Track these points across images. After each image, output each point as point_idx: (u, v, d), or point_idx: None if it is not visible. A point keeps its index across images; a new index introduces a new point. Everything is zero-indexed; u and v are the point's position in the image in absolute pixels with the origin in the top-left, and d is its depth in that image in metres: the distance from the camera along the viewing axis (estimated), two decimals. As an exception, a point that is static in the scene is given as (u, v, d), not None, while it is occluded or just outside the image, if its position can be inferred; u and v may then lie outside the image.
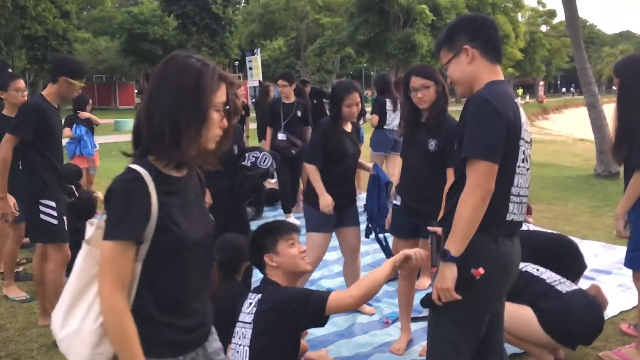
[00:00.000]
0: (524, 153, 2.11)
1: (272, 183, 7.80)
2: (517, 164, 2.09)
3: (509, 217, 2.10)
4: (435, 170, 3.15)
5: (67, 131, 7.17)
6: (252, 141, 8.85)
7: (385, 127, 6.62)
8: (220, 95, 1.59)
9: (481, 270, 2.01)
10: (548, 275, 3.29)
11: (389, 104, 6.61)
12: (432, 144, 3.16)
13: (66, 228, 3.68)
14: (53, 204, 3.59)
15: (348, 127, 3.78)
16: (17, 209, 4.24)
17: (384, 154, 6.74)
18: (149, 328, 1.54)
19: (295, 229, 2.62)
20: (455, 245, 2.00)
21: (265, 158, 3.98)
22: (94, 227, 1.59)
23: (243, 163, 3.95)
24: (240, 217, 4.02)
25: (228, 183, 3.86)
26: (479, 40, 2.10)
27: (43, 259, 3.86)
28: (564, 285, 3.22)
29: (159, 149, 1.54)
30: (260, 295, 2.37)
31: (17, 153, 3.56)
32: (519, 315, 3.07)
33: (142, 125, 1.56)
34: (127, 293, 1.52)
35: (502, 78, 2.17)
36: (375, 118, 6.67)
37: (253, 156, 4.01)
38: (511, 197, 2.10)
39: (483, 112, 2.00)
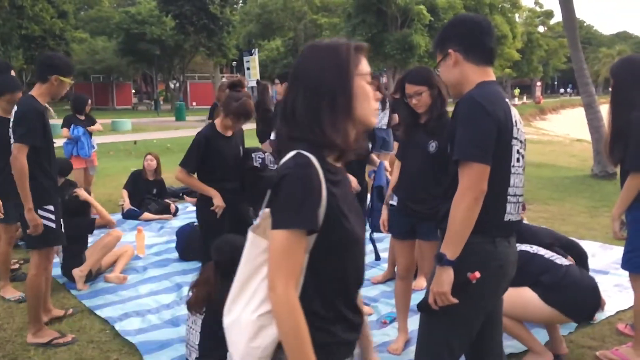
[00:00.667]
0: (518, 152, 2.11)
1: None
2: (512, 164, 2.09)
3: (507, 217, 2.11)
4: (435, 171, 3.15)
5: (64, 132, 7.16)
6: (251, 142, 8.81)
7: None
8: (365, 66, 1.49)
9: (477, 274, 2.01)
10: (544, 251, 3.36)
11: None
12: (432, 146, 3.16)
13: (63, 230, 3.65)
14: (52, 208, 3.54)
15: None
16: (3, 210, 4.24)
17: (375, 152, 6.79)
18: (314, 331, 1.40)
19: None
20: (450, 248, 2.01)
21: (271, 158, 3.99)
22: (260, 217, 1.47)
23: (254, 164, 3.95)
24: (246, 218, 4.00)
25: (235, 184, 3.87)
26: (463, 45, 2.10)
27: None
28: (562, 260, 3.30)
29: (315, 138, 1.42)
30: None
31: (8, 158, 3.45)
32: (519, 298, 3.11)
33: (289, 122, 1.45)
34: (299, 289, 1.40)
35: (493, 79, 2.16)
36: None
37: (259, 157, 4.01)
38: (508, 197, 2.10)
39: (473, 113, 2.01)
